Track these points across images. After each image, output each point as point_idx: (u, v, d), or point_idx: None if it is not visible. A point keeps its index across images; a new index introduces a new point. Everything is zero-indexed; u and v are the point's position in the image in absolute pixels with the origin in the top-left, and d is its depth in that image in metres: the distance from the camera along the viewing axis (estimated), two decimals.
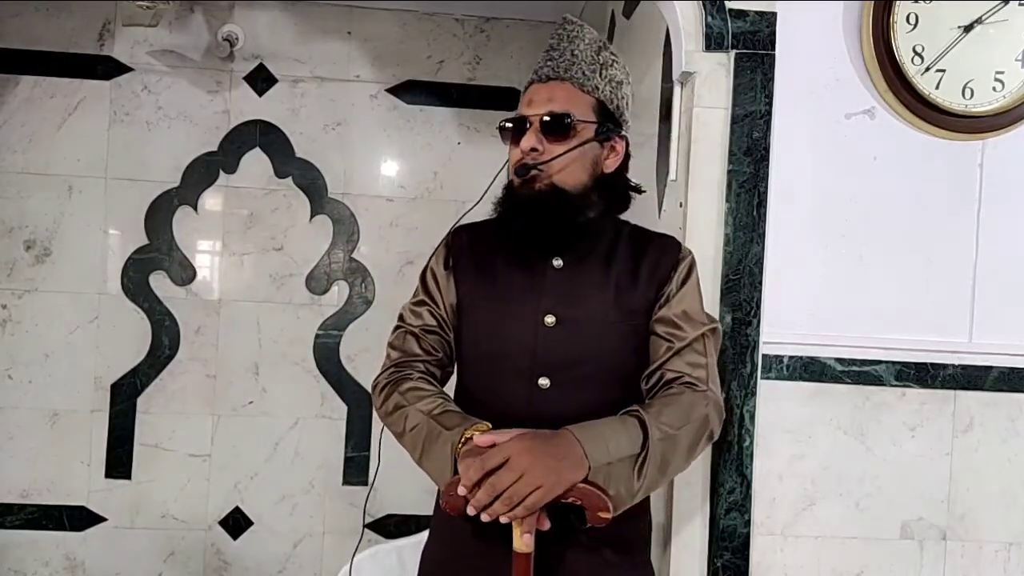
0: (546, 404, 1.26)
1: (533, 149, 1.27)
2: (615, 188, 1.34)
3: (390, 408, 1.29)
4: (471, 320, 1.34)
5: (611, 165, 1.33)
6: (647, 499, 1.37)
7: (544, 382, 1.27)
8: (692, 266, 1.35)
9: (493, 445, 1.11)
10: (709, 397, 1.26)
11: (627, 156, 1.36)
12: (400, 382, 1.30)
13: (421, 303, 1.37)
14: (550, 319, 1.28)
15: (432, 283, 1.38)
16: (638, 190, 1.39)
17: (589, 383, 1.28)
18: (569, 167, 1.28)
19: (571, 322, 1.28)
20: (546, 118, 1.27)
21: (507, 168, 1.36)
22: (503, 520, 1.10)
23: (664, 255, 1.33)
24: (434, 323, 1.36)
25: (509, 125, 1.31)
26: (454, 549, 1.32)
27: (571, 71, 1.30)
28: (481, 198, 1.39)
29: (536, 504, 1.08)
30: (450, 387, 1.39)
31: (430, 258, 1.40)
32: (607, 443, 1.13)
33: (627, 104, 1.36)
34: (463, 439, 1.15)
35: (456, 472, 1.14)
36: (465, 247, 1.37)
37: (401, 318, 1.40)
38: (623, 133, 1.34)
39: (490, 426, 1.18)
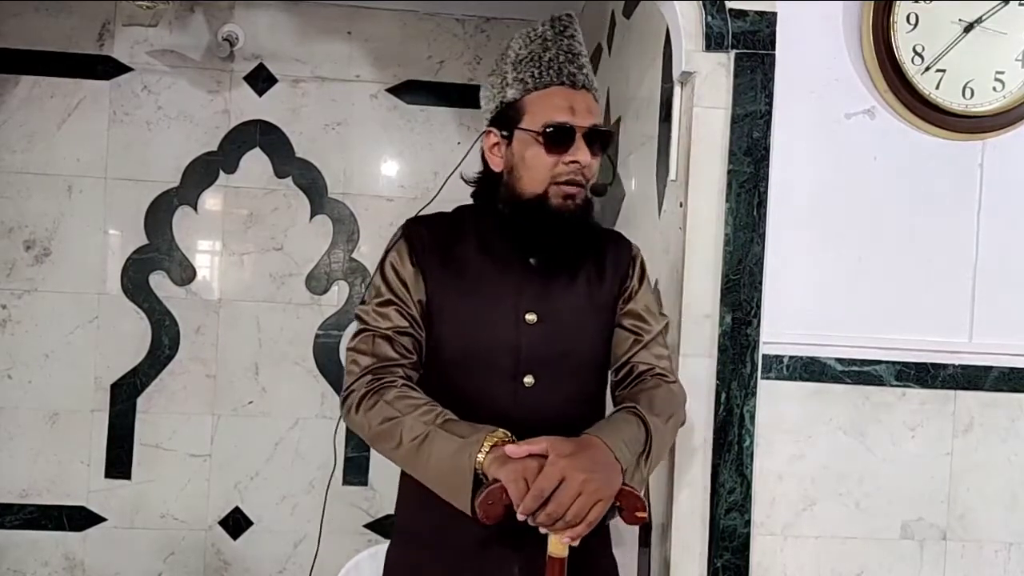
0: (531, 401, 1.27)
1: (588, 164, 1.25)
2: None
3: (376, 420, 1.20)
4: (447, 319, 1.29)
5: None
6: None
7: (529, 380, 1.27)
8: (643, 261, 1.40)
9: (528, 456, 1.09)
10: (679, 388, 1.34)
11: None
12: (383, 391, 1.22)
13: (387, 303, 1.28)
14: (531, 316, 1.28)
15: (397, 281, 1.29)
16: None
17: (570, 378, 1.30)
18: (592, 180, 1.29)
19: (551, 319, 1.29)
20: (593, 130, 1.25)
21: (510, 172, 1.29)
22: (566, 538, 1.09)
23: (621, 251, 1.38)
24: (405, 323, 1.28)
25: (549, 130, 1.23)
26: (431, 555, 1.29)
27: (592, 82, 1.29)
28: (437, 194, 1.37)
29: (598, 518, 1.08)
30: None
31: (387, 255, 1.32)
32: (626, 444, 1.15)
33: None
34: (484, 448, 1.11)
35: (477, 483, 1.10)
36: (427, 242, 1.31)
37: (362, 320, 1.30)
38: None
39: (509, 433, 1.15)
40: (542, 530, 1.09)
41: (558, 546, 1.10)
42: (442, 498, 1.17)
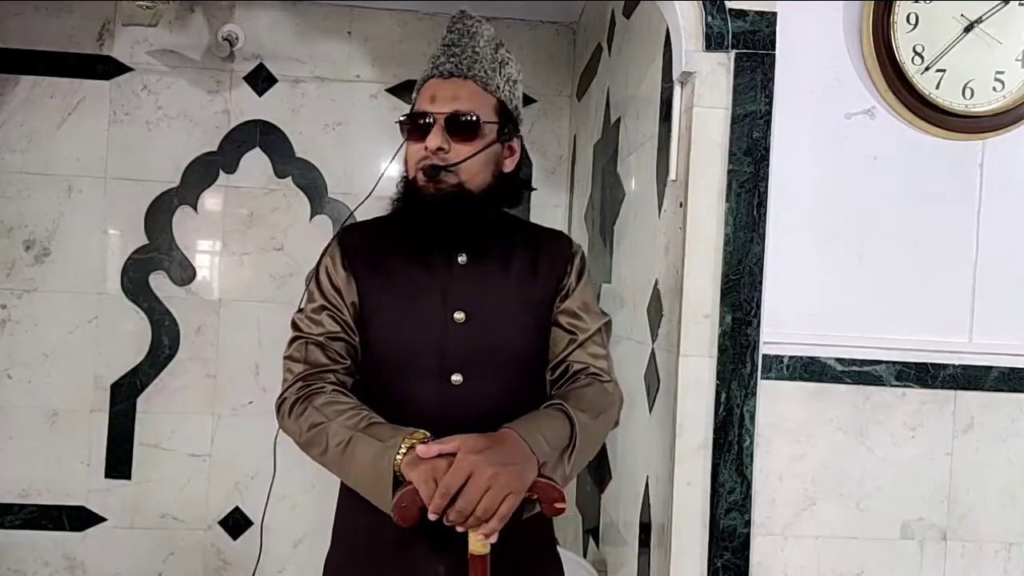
0: (460, 400, 1.26)
1: (440, 148, 1.25)
2: (512, 187, 1.36)
3: (305, 426, 1.23)
4: (376, 322, 1.30)
5: (509, 165, 1.35)
6: None
7: (457, 378, 1.27)
8: (584, 259, 1.39)
9: (439, 455, 1.09)
10: (614, 388, 1.33)
11: (523, 154, 1.39)
12: (312, 397, 1.24)
13: (320, 309, 1.30)
14: (459, 315, 1.28)
15: (329, 286, 1.30)
16: (530, 187, 1.42)
17: (499, 375, 1.29)
18: (475, 168, 1.28)
19: (480, 316, 1.29)
20: (452, 117, 1.26)
21: (405, 164, 1.33)
22: (480, 535, 1.09)
23: (558, 249, 1.38)
24: (338, 329, 1.29)
25: (404, 119, 1.29)
26: (356, 557, 1.29)
27: (474, 69, 1.28)
28: (368, 195, 1.38)
29: (509, 512, 1.08)
30: None
31: (321, 261, 1.34)
32: (544, 437, 1.15)
33: (520, 102, 1.37)
34: (402, 450, 1.12)
35: (397, 484, 1.11)
36: (359, 246, 1.33)
37: (297, 328, 1.32)
38: (520, 134, 1.36)
39: (428, 434, 1.15)
40: (459, 529, 1.09)
41: (478, 544, 1.10)
42: (366, 501, 1.17)
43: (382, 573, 1.27)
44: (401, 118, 1.30)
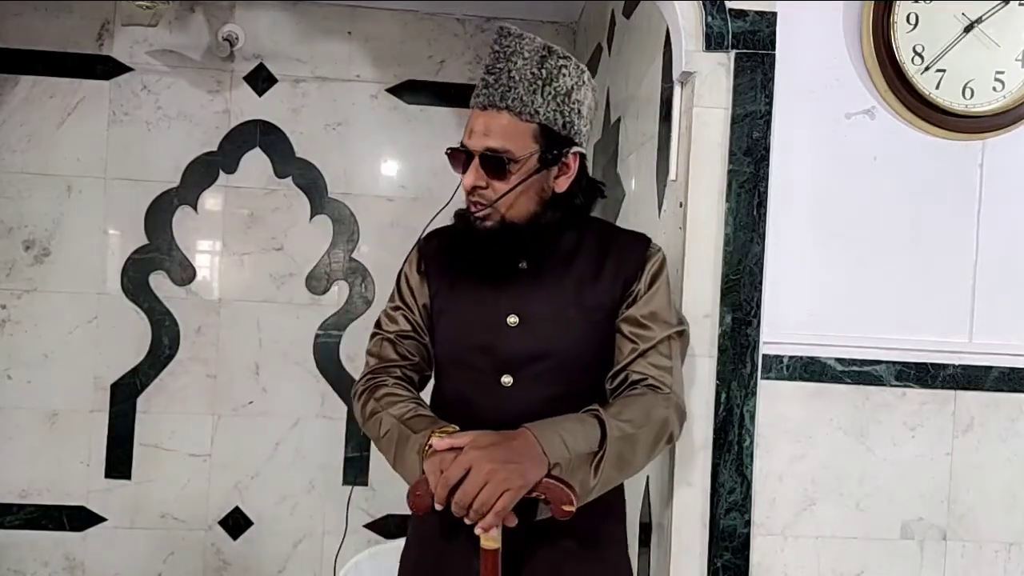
0: (511, 401, 1.29)
1: (476, 187, 1.27)
2: (570, 202, 1.33)
3: (367, 414, 1.32)
4: (441, 323, 1.38)
5: (562, 184, 1.31)
6: (620, 494, 1.39)
7: (507, 380, 1.30)
8: (662, 264, 1.35)
9: (451, 449, 1.13)
10: (671, 399, 1.28)
11: (582, 167, 1.34)
12: (376, 388, 1.33)
13: (397, 308, 1.40)
14: (513, 319, 1.30)
15: (406, 288, 1.40)
16: (602, 193, 1.39)
17: (550, 378, 1.30)
18: (515, 201, 1.27)
19: (532, 320, 1.30)
20: (484, 154, 1.25)
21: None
22: (479, 529, 1.13)
23: (631, 253, 1.35)
24: (409, 328, 1.39)
25: (449, 152, 1.32)
26: (429, 548, 1.36)
27: (507, 98, 1.25)
28: (447, 204, 1.38)
29: (506, 508, 1.10)
30: (426, 392, 1.42)
31: (404, 263, 1.43)
32: (564, 439, 1.15)
33: (579, 111, 1.29)
34: (429, 443, 1.17)
35: (424, 474, 1.16)
36: (435, 252, 1.39)
37: (378, 324, 1.42)
38: (574, 150, 1.30)
39: (457, 428, 1.20)
40: (466, 522, 1.12)
41: (488, 538, 1.14)
42: None
43: (426, 557, 1.36)
44: (447, 151, 1.32)
